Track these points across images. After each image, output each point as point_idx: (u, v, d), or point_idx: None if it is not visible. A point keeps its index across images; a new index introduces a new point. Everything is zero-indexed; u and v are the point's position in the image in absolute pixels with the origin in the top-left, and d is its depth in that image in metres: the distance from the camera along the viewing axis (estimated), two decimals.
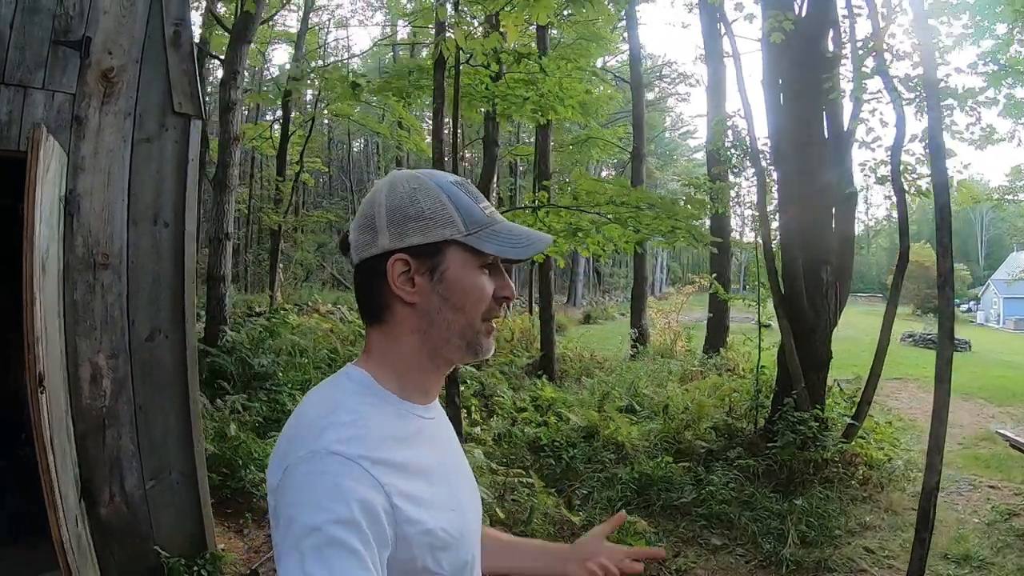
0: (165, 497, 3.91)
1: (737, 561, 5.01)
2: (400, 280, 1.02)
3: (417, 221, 1.01)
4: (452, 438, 1.20)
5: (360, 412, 0.96)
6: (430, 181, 1.06)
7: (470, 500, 1.15)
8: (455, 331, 1.05)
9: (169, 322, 3.87)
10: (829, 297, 7.02)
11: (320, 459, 0.87)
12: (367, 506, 0.85)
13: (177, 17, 3.77)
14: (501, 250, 1.04)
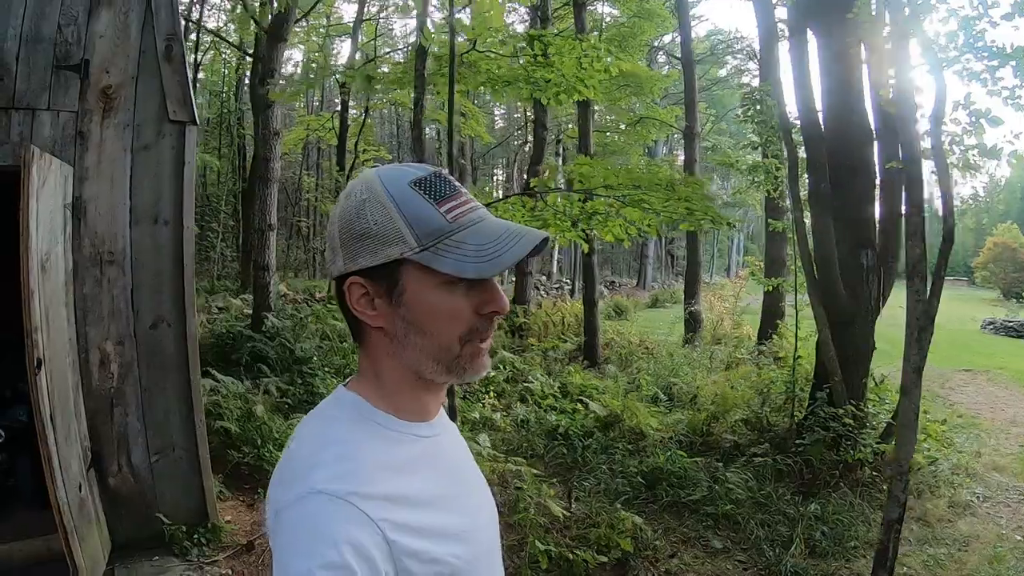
0: (169, 470, 4.44)
1: (735, 567, 4.85)
2: (360, 304, 0.98)
3: (364, 240, 0.95)
4: (460, 452, 1.18)
5: (350, 444, 0.95)
6: (382, 188, 0.97)
7: (483, 518, 1.12)
8: (428, 355, 0.99)
9: (171, 312, 4.38)
10: (871, 283, 6.69)
11: (308, 501, 0.87)
12: (358, 547, 0.84)
13: (168, 32, 4.24)
14: (458, 267, 0.93)
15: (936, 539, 5.26)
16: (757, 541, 5.07)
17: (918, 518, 5.62)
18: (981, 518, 5.79)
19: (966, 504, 6.01)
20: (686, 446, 6.76)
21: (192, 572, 4.24)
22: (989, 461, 7.28)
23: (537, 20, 13.05)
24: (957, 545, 5.23)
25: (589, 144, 11.72)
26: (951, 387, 11.60)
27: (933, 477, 6.31)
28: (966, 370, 13.32)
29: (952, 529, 5.51)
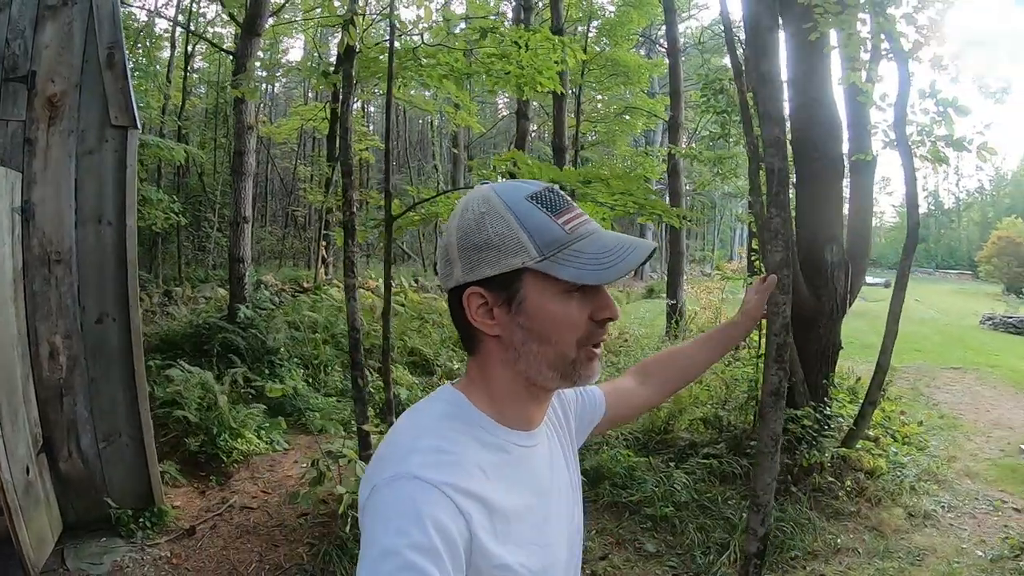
0: (116, 456, 4.90)
1: (664, 572, 4.90)
2: (479, 313, 1.05)
3: (485, 251, 1.03)
4: (555, 464, 1.22)
5: (448, 438, 1.01)
6: (500, 201, 1.05)
7: (564, 532, 1.19)
8: (545, 362, 1.06)
9: (115, 307, 4.82)
10: (836, 280, 6.65)
11: (403, 483, 0.93)
12: (446, 532, 0.89)
13: (110, 41, 4.66)
14: (579, 274, 1.02)
15: (888, 552, 5.21)
16: (691, 546, 5.12)
17: (872, 528, 5.57)
18: (942, 530, 5.69)
19: (927, 514, 5.91)
20: (642, 444, 6.89)
21: (135, 553, 4.69)
22: (963, 467, 7.23)
23: (521, 9, 13.36)
24: (910, 559, 5.15)
25: (564, 136, 12.01)
26: (937, 385, 11.53)
27: (896, 484, 6.23)
28: (955, 368, 13.27)
29: (907, 541, 5.42)
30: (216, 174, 18.82)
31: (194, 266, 16.77)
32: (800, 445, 6.08)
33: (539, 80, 6.40)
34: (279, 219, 26.50)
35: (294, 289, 13.09)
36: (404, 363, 9.27)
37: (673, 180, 13.25)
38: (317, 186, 16.67)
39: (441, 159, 26.82)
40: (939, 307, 28.67)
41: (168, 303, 11.14)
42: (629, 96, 18.04)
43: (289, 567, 4.68)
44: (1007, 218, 47.08)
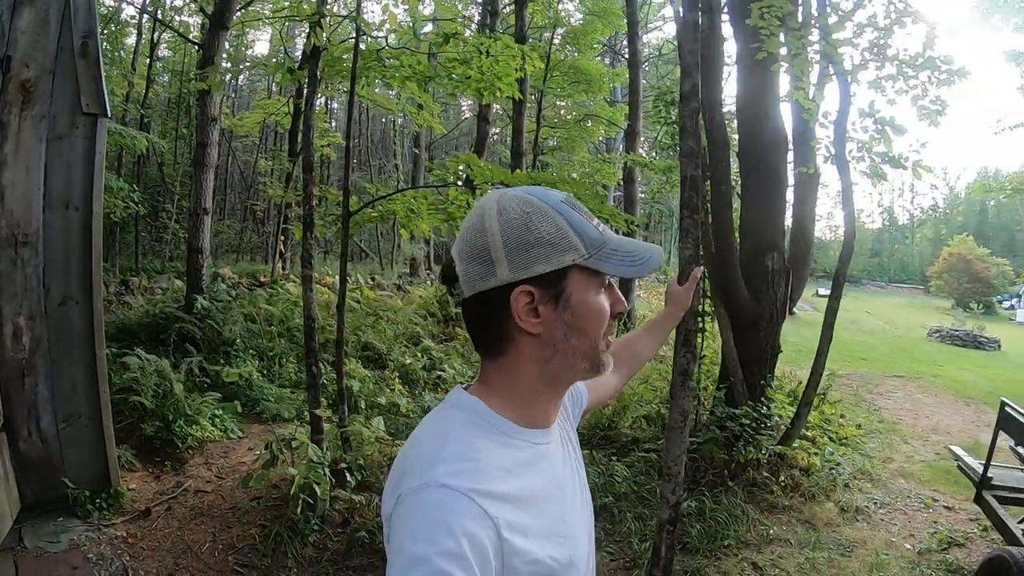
0: (75, 437, 5.02)
1: (602, 559, 5.12)
2: (524, 312, 1.08)
3: (538, 248, 1.06)
4: (570, 457, 1.28)
5: (471, 445, 1.04)
6: (542, 203, 1.09)
7: (582, 522, 1.24)
8: (580, 355, 1.12)
9: (79, 290, 4.95)
10: (776, 286, 7.01)
11: (431, 492, 0.95)
12: (475, 540, 0.92)
13: (85, 30, 4.80)
14: (620, 269, 1.11)
15: (819, 543, 5.51)
16: (629, 534, 5.41)
17: (804, 521, 5.92)
18: (873, 524, 6.04)
19: (859, 509, 6.28)
20: (586, 439, 7.17)
21: (91, 533, 4.80)
22: (898, 467, 7.67)
23: (487, 15, 13.62)
24: (840, 550, 5.45)
25: (522, 141, 12.29)
26: (879, 392, 12.09)
27: (830, 481, 6.60)
28: (899, 376, 13.92)
29: (838, 534, 5.75)
30: (176, 165, 18.73)
31: (151, 257, 16.68)
32: (738, 442, 6.40)
33: (498, 86, 6.59)
34: (238, 213, 26.34)
35: (251, 283, 13.19)
36: (358, 357, 9.43)
37: (628, 187, 13.63)
38: (277, 181, 16.72)
39: (403, 159, 26.92)
40: (889, 319, 29.57)
41: (125, 292, 11.15)
42: (590, 104, 18.46)
43: (242, 547, 4.86)
44: (959, 235, 48.95)
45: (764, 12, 5.78)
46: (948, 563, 5.29)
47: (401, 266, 23.28)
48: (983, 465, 5.05)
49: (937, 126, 6.41)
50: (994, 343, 21.42)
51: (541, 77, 13.83)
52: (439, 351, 10.43)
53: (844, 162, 6.61)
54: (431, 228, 6.38)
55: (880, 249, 76.26)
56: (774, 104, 7.20)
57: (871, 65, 6.29)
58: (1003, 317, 40.70)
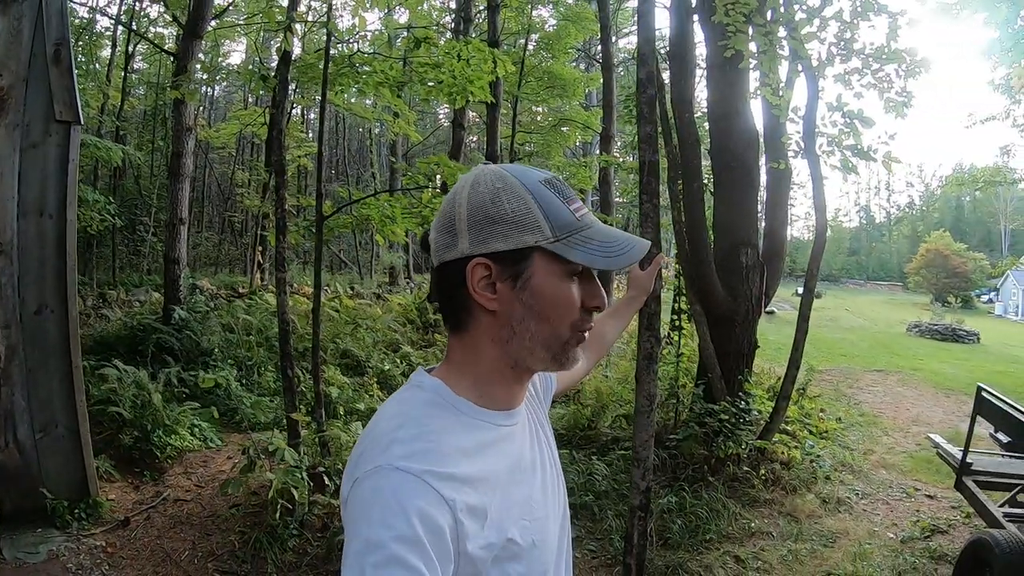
0: (52, 447, 5.01)
1: (584, 556, 5.17)
2: (480, 286, 1.06)
3: (499, 224, 1.04)
4: (538, 441, 1.26)
5: (428, 426, 1.02)
6: (516, 180, 1.07)
7: (552, 506, 1.22)
8: (538, 341, 1.08)
9: (54, 299, 4.96)
10: (751, 282, 7.10)
11: (385, 475, 0.93)
12: (430, 523, 0.90)
13: (58, 38, 4.83)
14: (590, 258, 1.06)
15: (801, 535, 5.56)
16: (610, 531, 5.45)
17: (787, 513, 5.98)
18: (855, 515, 6.13)
19: (841, 500, 6.36)
20: (566, 440, 7.26)
21: (70, 543, 4.81)
22: (879, 458, 7.80)
23: (460, 21, 13.72)
24: (822, 541, 5.52)
25: (496, 145, 12.37)
26: (860, 386, 12.28)
27: (811, 474, 6.70)
28: (878, 370, 14.12)
29: (820, 525, 5.81)
30: (153, 177, 18.66)
31: (128, 270, 16.57)
32: (717, 437, 6.47)
33: (471, 90, 6.63)
34: (216, 225, 26.25)
35: (229, 294, 13.18)
36: (337, 365, 9.45)
37: (604, 189, 13.77)
38: (254, 191, 16.71)
39: (380, 167, 26.95)
40: (869, 316, 29.95)
41: (102, 305, 11.10)
42: (566, 109, 18.61)
43: (221, 554, 4.88)
44: (935, 232, 49.86)
45: (729, 8, 5.88)
46: (931, 550, 5.35)
47: (380, 275, 23.29)
48: (962, 452, 5.12)
49: (904, 117, 6.52)
50: (973, 336, 21.86)
51: (516, 83, 13.93)
52: (418, 357, 10.48)
53: (814, 156, 6.72)
54: (408, 235, 6.40)
55: (858, 247, 77.34)
56: (744, 102, 7.31)
57: (837, 60, 6.41)
58: (982, 310, 41.50)
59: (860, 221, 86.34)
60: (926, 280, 44.88)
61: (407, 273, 23.24)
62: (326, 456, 5.65)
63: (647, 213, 3.15)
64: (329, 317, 11.49)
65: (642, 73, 3.24)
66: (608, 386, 8.42)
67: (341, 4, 13.91)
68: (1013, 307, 40.95)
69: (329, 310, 11.91)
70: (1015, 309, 40.46)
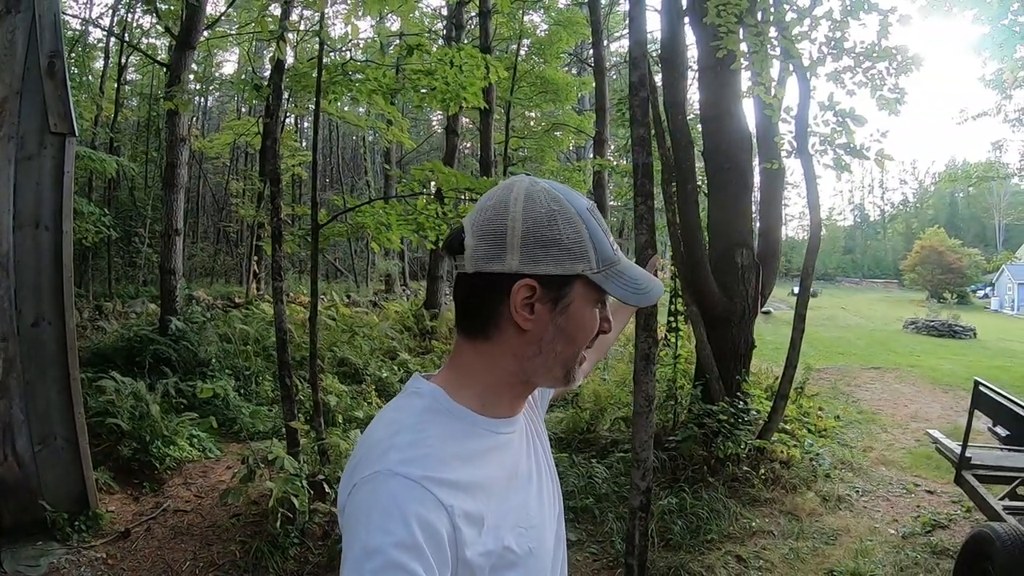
0: (51, 459, 5.00)
1: (585, 559, 5.16)
2: (521, 304, 1.05)
3: (554, 248, 1.05)
4: (534, 449, 1.25)
5: (425, 431, 1.02)
6: (569, 205, 1.08)
7: (548, 514, 1.22)
8: (560, 361, 1.10)
9: (51, 310, 4.96)
10: (746, 282, 7.11)
11: (383, 480, 0.93)
12: (429, 529, 0.90)
13: (51, 50, 4.85)
14: (624, 294, 1.09)
15: (802, 533, 5.55)
16: (611, 534, 5.43)
17: (787, 512, 5.96)
18: (856, 512, 6.11)
19: (841, 498, 6.35)
20: (565, 443, 7.25)
21: (71, 555, 4.79)
22: (879, 456, 7.80)
23: (452, 28, 13.76)
24: (824, 539, 5.51)
25: (490, 151, 12.40)
26: (858, 384, 12.30)
27: (811, 472, 6.70)
28: (875, 368, 14.13)
29: (821, 523, 5.80)
30: (147, 188, 18.68)
31: (124, 282, 16.58)
32: (716, 438, 6.46)
33: (464, 96, 6.62)
34: (211, 235, 26.28)
35: (226, 304, 13.20)
36: (334, 373, 9.46)
37: (598, 193, 13.79)
38: (249, 201, 16.73)
39: (374, 175, 26.98)
40: (865, 314, 30.06)
41: (99, 317, 11.12)
42: (559, 113, 18.67)
43: (223, 563, 4.86)
44: (930, 228, 50.06)
45: (721, 9, 5.91)
46: (932, 545, 5.35)
47: (376, 283, 23.31)
48: (961, 446, 5.12)
49: (897, 115, 6.53)
50: (969, 331, 21.93)
51: (509, 88, 14.02)
52: (416, 364, 10.49)
53: (807, 155, 6.73)
54: (404, 243, 6.41)
55: (853, 246, 77.71)
56: (737, 103, 7.34)
57: (828, 58, 6.43)
58: (978, 306, 41.65)
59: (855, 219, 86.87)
60: (921, 277, 45.10)
61: (403, 280, 23.26)
62: (326, 464, 5.66)
63: (642, 215, 3.17)
64: (326, 325, 11.51)
65: (634, 76, 3.27)
66: (606, 389, 8.43)
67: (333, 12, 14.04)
68: (1009, 301, 41.19)
69: (326, 318, 11.92)
70: (1011, 303, 40.70)
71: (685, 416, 7.04)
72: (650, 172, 3.21)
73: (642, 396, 3.40)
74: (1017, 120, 17.55)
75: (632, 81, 3.31)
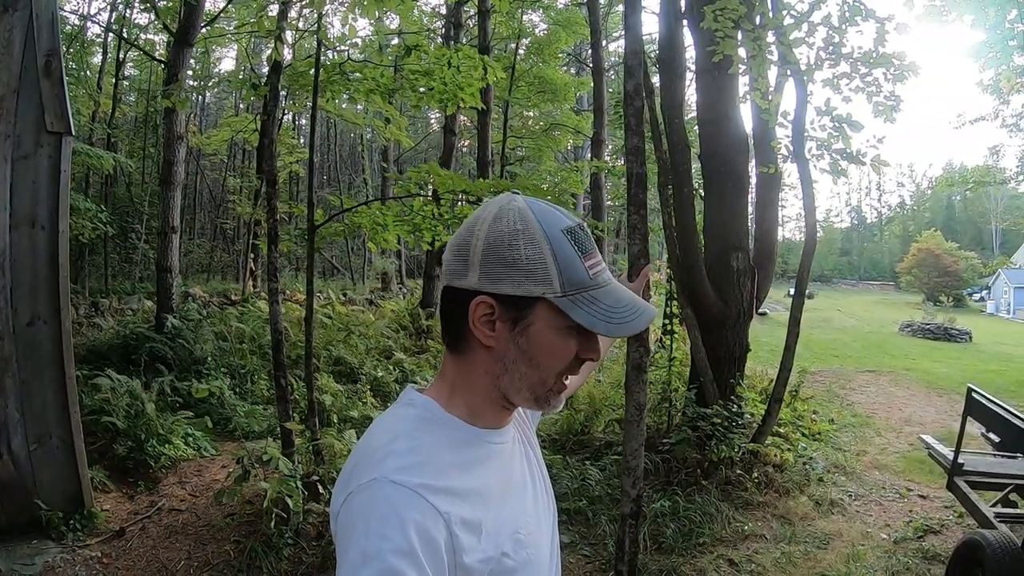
0: (46, 459, 5.00)
1: (578, 561, 5.18)
2: (480, 321, 1.06)
3: (512, 268, 1.03)
4: (527, 459, 1.27)
5: (421, 440, 1.03)
6: (537, 225, 1.05)
7: (542, 523, 1.22)
8: (526, 384, 1.08)
9: (47, 310, 4.96)
10: (742, 286, 7.14)
11: (380, 488, 0.94)
12: (426, 536, 0.91)
13: (48, 49, 4.84)
14: (591, 321, 1.04)
15: (795, 537, 5.57)
16: (603, 536, 5.44)
17: (779, 516, 5.99)
18: (849, 516, 6.14)
19: (834, 502, 6.38)
20: (560, 445, 7.26)
21: (65, 554, 4.80)
22: (872, 459, 7.83)
23: (451, 27, 13.77)
24: (816, 543, 5.53)
25: (488, 152, 12.42)
26: (852, 387, 12.33)
27: (804, 476, 6.72)
28: (870, 371, 14.19)
29: (814, 527, 5.83)
30: (144, 185, 18.65)
31: (120, 278, 16.55)
32: (710, 441, 6.48)
33: (461, 96, 6.62)
34: (208, 232, 26.27)
35: (222, 301, 13.19)
36: (330, 372, 9.47)
37: (595, 193, 13.83)
38: (246, 198, 16.73)
39: (371, 174, 26.99)
40: (861, 316, 30.15)
41: (95, 314, 11.09)
42: (557, 113, 18.80)
43: (217, 563, 4.87)
44: (927, 231, 50.20)
45: (717, 15, 5.92)
46: (924, 550, 5.37)
47: (373, 281, 23.29)
48: (953, 452, 5.13)
49: (893, 121, 6.56)
50: (965, 335, 22.01)
51: (507, 88, 14.03)
52: (411, 363, 10.52)
53: (803, 160, 6.76)
54: (401, 242, 6.43)
55: (850, 248, 77.92)
56: (734, 107, 7.36)
57: (826, 64, 6.46)
58: (974, 309, 41.76)
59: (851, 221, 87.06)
60: (918, 279, 45.26)
61: (400, 279, 23.26)
62: (320, 464, 5.67)
63: (635, 225, 3.19)
64: (322, 324, 11.51)
65: (629, 85, 3.28)
66: (601, 391, 8.43)
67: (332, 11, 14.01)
68: (1005, 305, 41.36)
69: (322, 317, 11.93)
70: (1007, 307, 40.87)
71: (679, 419, 7.06)
72: (644, 182, 3.22)
73: (633, 405, 3.41)
74: (1014, 125, 17.63)
75: (627, 90, 3.31)
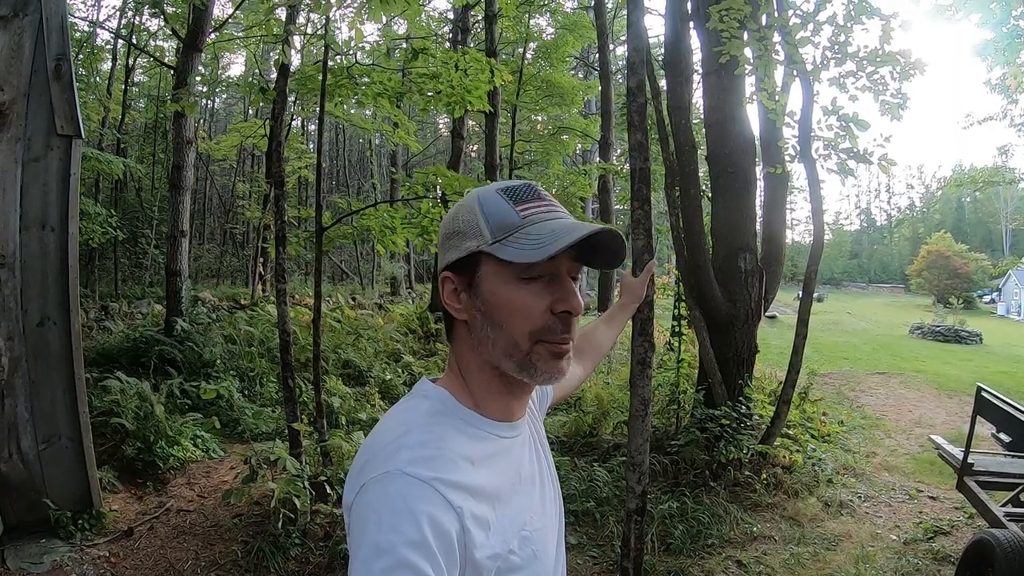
0: (56, 458, 5.04)
1: (586, 562, 5.14)
2: (449, 297, 1.12)
3: (454, 237, 1.10)
4: (539, 454, 1.27)
5: (435, 433, 1.02)
6: (475, 196, 1.12)
7: (550, 520, 1.22)
8: (499, 350, 1.08)
9: (56, 311, 5.00)
10: (750, 287, 7.09)
11: (393, 480, 0.93)
12: (439, 529, 0.91)
13: (58, 53, 4.88)
14: (520, 253, 1.03)
15: (804, 538, 5.53)
16: (611, 537, 5.39)
17: (788, 517, 5.93)
18: (858, 518, 6.09)
19: (843, 503, 6.33)
20: (568, 446, 7.26)
21: (74, 553, 4.83)
22: (881, 461, 7.80)
23: (458, 31, 13.83)
24: (825, 544, 5.49)
25: (495, 154, 12.46)
26: (862, 389, 12.25)
27: (813, 477, 6.66)
28: (881, 373, 14.09)
29: (823, 528, 5.79)
30: (154, 190, 18.78)
31: (130, 283, 16.67)
32: (719, 442, 6.44)
33: (469, 99, 6.65)
34: (217, 237, 26.38)
35: (231, 306, 13.29)
36: (338, 375, 9.52)
37: (603, 196, 13.87)
38: (255, 202, 16.82)
39: (380, 178, 27.08)
40: (871, 319, 30.03)
41: (104, 318, 11.19)
42: (565, 117, 18.75)
43: (224, 563, 4.89)
44: (936, 233, 50.00)
45: (723, 15, 5.93)
46: (934, 551, 5.33)
47: (382, 286, 23.38)
48: (963, 452, 5.10)
49: (899, 120, 6.50)
50: (975, 337, 21.89)
51: (514, 92, 14.06)
52: (420, 366, 10.56)
53: (811, 160, 6.71)
54: (408, 245, 6.46)
55: (859, 250, 77.70)
56: (740, 107, 7.33)
57: (832, 63, 6.42)
58: (984, 311, 41.48)
59: (861, 224, 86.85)
60: (928, 282, 45.10)
61: (408, 283, 23.33)
62: (328, 465, 5.68)
63: (638, 219, 3.17)
64: (330, 327, 11.56)
65: (632, 82, 3.28)
66: (609, 393, 8.41)
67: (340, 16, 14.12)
68: (1015, 307, 40.96)
69: (331, 320, 11.99)
70: (1017, 309, 40.45)
71: (687, 420, 7.03)
72: (647, 177, 3.22)
73: (638, 400, 3.39)
74: (1023, 124, 17.55)
75: (630, 87, 3.31)
